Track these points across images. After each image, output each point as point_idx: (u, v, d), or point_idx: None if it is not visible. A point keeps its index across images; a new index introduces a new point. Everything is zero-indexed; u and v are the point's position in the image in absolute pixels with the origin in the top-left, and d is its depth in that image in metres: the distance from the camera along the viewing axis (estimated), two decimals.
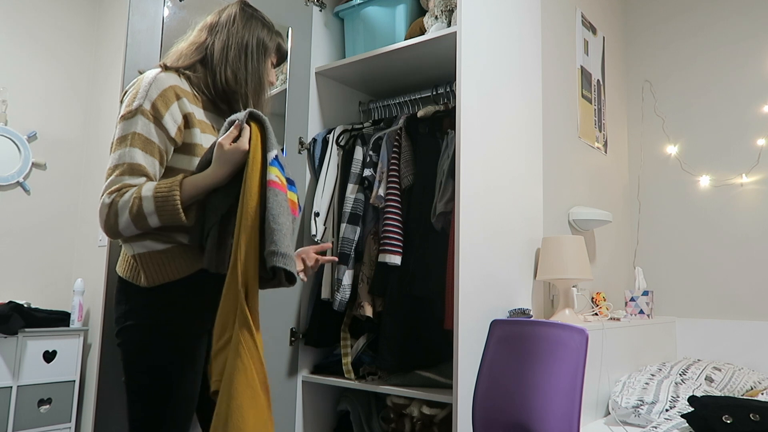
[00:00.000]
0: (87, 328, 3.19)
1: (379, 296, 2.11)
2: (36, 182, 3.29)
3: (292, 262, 1.25)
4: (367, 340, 2.18)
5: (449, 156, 2.05)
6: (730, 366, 2.45)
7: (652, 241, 3.04)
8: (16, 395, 2.87)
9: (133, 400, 1.36)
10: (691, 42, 3.02)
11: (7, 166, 3.16)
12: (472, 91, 1.89)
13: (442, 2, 2.13)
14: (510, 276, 2.05)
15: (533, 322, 1.79)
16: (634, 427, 2.01)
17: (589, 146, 2.72)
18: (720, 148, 2.88)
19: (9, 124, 3.18)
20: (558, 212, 2.42)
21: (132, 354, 1.36)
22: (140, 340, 1.35)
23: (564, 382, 1.58)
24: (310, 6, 2.38)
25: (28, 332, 2.93)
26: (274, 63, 1.58)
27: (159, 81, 1.35)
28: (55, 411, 3.00)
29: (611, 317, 2.37)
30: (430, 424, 2.04)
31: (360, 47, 2.37)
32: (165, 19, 1.88)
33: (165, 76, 1.38)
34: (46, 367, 2.99)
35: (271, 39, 1.54)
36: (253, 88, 1.49)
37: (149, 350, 1.35)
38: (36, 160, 3.27)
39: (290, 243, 1.26)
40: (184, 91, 1.40)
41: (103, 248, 1.86)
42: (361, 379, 2.13)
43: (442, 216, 2.05)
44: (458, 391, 1.72)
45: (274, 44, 1.55)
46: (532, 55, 2.28)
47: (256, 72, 1.49)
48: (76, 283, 3.16)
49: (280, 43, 1.57)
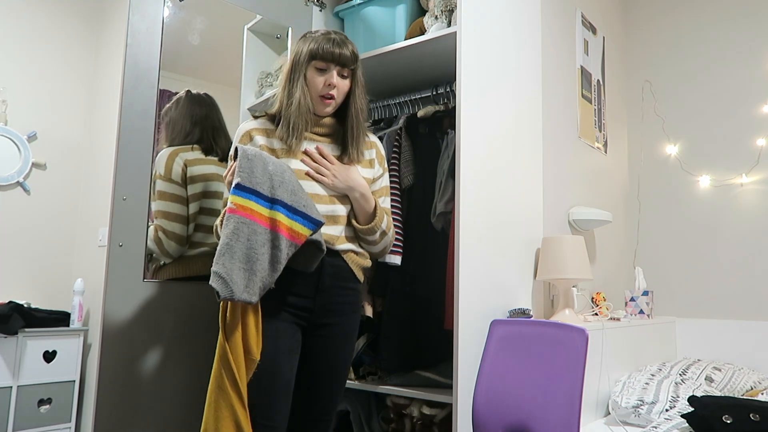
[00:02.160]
0: (87, 328, 3.19)
1: (379, 296, 2.11)
2: (36, 182, 3.29)
3: (220, 281, 1.38)
4: (367, 340, 2.18)
5: (449, 156, 2.05)
6: (730, 366, 2.45)
7: (652, 241, 3.04)
8: (16, 395, 2.87)
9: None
10: (691, 42, 3.02)
11: (7, 166, 3.16)
12: (472, 91, 1.89)
13: (442, 2, 2.13)
14: (510, 276, 2.05)
15: (533, 322, 1.79)
16: (634, 427, 2.01)
17: (589, 146, 2.72)
18: (720, 148, 2.88)
19: (9, 124, 3.18)
20: (558, 212, 2.42)
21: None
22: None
23: (564, 382, 1.58)
24: (310, 6, 2.38)
25: (28, 332, 2.93)
26: (322, 67, 1.66)
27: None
28: (55, 411, 3.00)
29: (611, 317, 2.37)
30: (430, 424, 2.04)
31: (360, 47, 2.35)
32: (165, 19, 1.88)
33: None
34: (46, 367, 2.99)
35: (307, 47, 1.67)
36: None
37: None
38: (36, 160, 3.27)
39: (229, 263, 1.40)
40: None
41: (103, 248, 1.86)
42: (361, 379, 2.13)
43: (442, 216, 2.05)
44: (458, 391, 1.72)
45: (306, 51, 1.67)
46: (532, 55, 2.28)
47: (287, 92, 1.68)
48: (76, 283, 3.16)
49: (311, 48, 1.66)
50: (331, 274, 1.64)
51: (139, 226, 1.78)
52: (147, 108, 1.82)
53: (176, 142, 1.98)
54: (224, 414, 1.41)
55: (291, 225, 1.46)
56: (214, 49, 2.26)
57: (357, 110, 1.69)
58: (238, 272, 1.39)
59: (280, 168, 1.52)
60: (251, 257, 1.41)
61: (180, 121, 2.01)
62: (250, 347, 1.47)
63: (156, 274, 1.87)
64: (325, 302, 1.65)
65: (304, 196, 1.52)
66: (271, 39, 2.37)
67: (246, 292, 1.40)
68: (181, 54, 2.05)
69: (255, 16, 2.26)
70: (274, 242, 1.45)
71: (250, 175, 1.46)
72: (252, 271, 1.41)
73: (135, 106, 1.79)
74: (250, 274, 1.41)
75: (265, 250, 1.44)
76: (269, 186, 1.47)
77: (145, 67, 1.81)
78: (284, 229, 1.46)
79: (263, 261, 1.43)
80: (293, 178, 1.53)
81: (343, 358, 1.71)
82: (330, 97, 1.65)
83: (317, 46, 1.63)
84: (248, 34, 2.30)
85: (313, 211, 1.52)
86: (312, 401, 1.67)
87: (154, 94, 1.84)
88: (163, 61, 1.86)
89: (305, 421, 1.66)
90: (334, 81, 1.64)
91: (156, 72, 1.84)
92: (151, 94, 1.83)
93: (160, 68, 1.85)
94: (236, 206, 1.43)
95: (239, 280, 1.39)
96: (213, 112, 2.10)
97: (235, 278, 1.38)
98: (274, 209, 1.46)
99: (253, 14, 2.25)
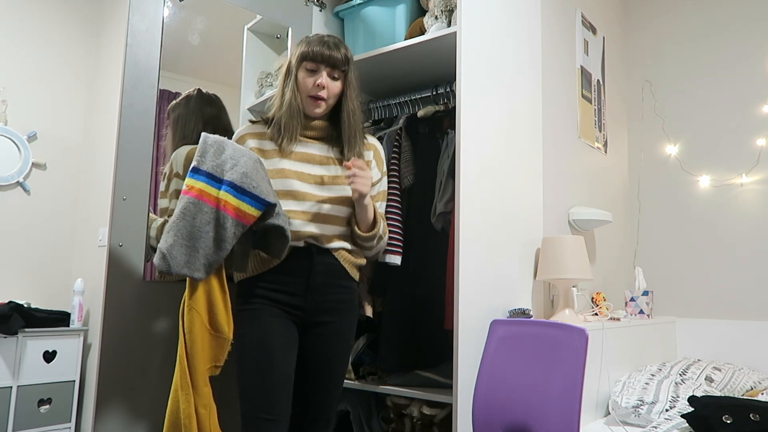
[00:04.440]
0: (87, 328, 3.19)
1: (379, 296, 2.11)
2: (36, 182, 3.29)
3: (159, 256, 1.45)
4: (367, 340, 2.18)
5: (449, 156, 2.05)
6: (730, 366, 2.45)
7: (652, 241, 3.04)
8: (16, 395, 2.87)
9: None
10: (691, 42, 3.02)
11: (7, 166, 3.16)
12: (472, 91, 1.89)
13: (442, 2, 2.13)
14: (510, 276, 2.05)
15: (533, 322, 1.79)
16: (634, 427, 2.01)
17: (589, 146, 2.72)
18: (720, 148, 2.88)
19: (9, 124, 3.18)
20: (558, 212, 2.42)
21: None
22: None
23: (564, 382, 1.58)
24: (310, 6, 2.38)
25: (28, 332, 2.93)
26: (312, 68, 1.68)
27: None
28: (55, 411, 3.00)
29: (611, 317, 2.37)
30: (430, 424, 2.04)
31: (360, 47, 2.36)
32: (165, 19, 1.88)
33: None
34: (46, 367, 2.99)
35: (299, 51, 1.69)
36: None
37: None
38: (36, 160, 3.27)
39: (172, 239, 1.46)
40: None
41: (103, 248, 1.86)
42: (361, 379, 2.13)
43: (442, 216, 2.05)
44: (458, 391, 1.72)
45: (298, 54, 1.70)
46: (532, 55, 2.28)
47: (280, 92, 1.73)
48: (76, 283, 3.16)
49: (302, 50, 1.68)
50: (322, 272, 1.66)
51: (139, 226, 1.78)
52: (147, 108, 1.81)
53: (191, 141, 1.97)
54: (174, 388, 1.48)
55: (238, 205, 1.51)
56: (214, 49, 2.26)
57: (349, 112, 1.71)
58: (179, 248, 1.46)
59: (238, 152, 1.57)
60: (194, 235, 1.47)
61: (192, 120, 2.00)
62: (220, 326, 1.51)
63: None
64: (318, 300, 1.66)
65: (257, 178, 1.55)
66: (271, 39, 2.37)
67: (186, 267, 1.47)
68: (181, 54, 2.05)
69: (255, 16, 2.26)
70: (220, 221, 1.50)
71: (204, 159, 1.54)
72: (194, 248, 1.47)
73: (135, 106, 1.79)
74: (192, 251, 1.47)
75: (210, 228, 1.49)
76: (221, 169, 1.53)
77: (145, 67, 1.81)
78: (231, 209, 1.50)
79: (207, 239, 1.49)
80: (250, 163, 1.55)
81: (339, 357, 1.71)
82: (319, 98, 1.67)
83: (308, 48, 1.66)
84: (248, 34, 2.30)
85: (263, 192, 1.54)
86: (310, 400, 1.67)
87: (154, 94, 1.84)
88: (163, 61, 1.86)
89: (304, 420, 1.67)
90: (323, 81, 1.66)
91: (156, 72, 1.84)
92: (151, 94, 1.83)
93: (160, 68, 1.85)
94: (188, 188, 1.51)
95: (179, 256, 1.46)
96: (223, 113, 2.10)
97: (174, 254, 1.45)
98: (222, 189, 1.52)
99: (253, 14, 2.25)
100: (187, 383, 1.44)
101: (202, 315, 1.48)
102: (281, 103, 1.68)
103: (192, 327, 1.47)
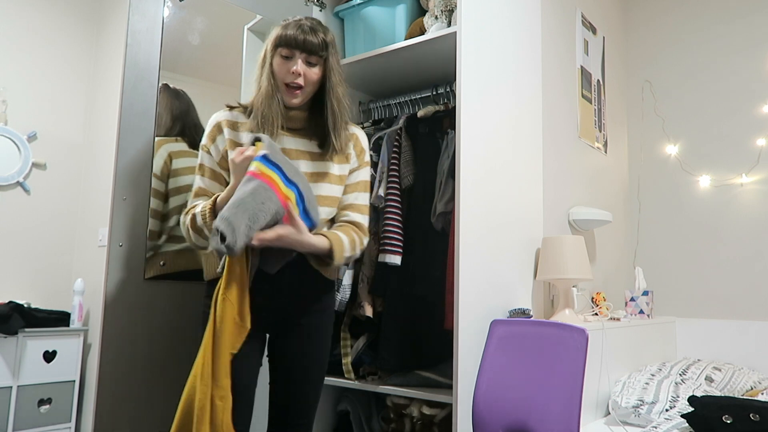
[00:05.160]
0: (87, 328, 3.19)
1: (379, 296, 2.11)
2: (36, 182, 3.29)
3: (229, 227, 1.36)
4: (367, 340, 2.18)
5: (449, 156, 2.05)
6: (730, 366, 2.45)
7: (652, 241, 3.04)
8: (16, 395, 2.86)
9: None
10: (691, 42, 3.02)
11: (7, 166, 3.16)
12: (472, 91, 1.89)
13: (442, 2, 2.13)
14: (510, 276, 2.05)
15: (533, 322, 1.79)
16: (634, 427, 2.01)
17: (589, 146, 2.72)
18: (720, 148, 2.88)
19: (9, 124, 3.18)
20: (558, 212, 2.42)
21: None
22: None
23: (564, 382, 1.58)
24: (310, 6, 2.38)
25: (28, 332, 2.93)
26: (286, 54, 1.54)
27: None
28: (55, 411, 3.00)
29: (611, 317, 2.37)
30: (430, 424, 2.04)
31: (360, 47, 2.37)
32: (165, 19, 1.88)
33: None
34: (46, 367, 2.99)
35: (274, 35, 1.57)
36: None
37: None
38: (36, 160, 3.27)
39: (241, 215, 1.38)
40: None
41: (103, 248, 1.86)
42: (361, 379, 2.12)
43: (442, 216, 2.05)
44: (458, 391, 1.72)
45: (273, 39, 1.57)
46: (532, 55, 2.28)
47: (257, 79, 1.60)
48: (76, 283, 3.16)
49: (279, 33, 1.55)
50: (290, 273, 1.55)
51: (139, 226, 1.78)
52: (147, 108, 1.82)
53: (159, 134, 1.93)
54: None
55: (296, 213, 1.48)
56: (214, 49, 2.26)
57: (333, 100, 1.58)
58: (243, 228, 1.38)
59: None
60: (257, 218, 1.40)
61: (162, 115, 1.93)
62: (245, 315, 1.44)
63: (148, 271, 1.86)
64: (288, 302, 1.58)
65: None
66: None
67: (239, 248, 1.40)
68: (181, 54, 2.04)
69: (255, 16, 2.26)
70: (277, 216, 1.44)
71: (275, 154, 1.46)
72: (251, 229, 1.40)
73: (135, 106, 1.79)
74: (249, 231, 1.40)
75: (269, 218, 1.43)
76: (289, 171, 1.48)
77: (145, 67, 1.81)
78: (288, 212, 1.47)
79: (261, 226, 1.42)
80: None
81: (314, 359, 1.63)
82: (296, 86, 1.54)
83: (283, 32, 1.53)
84: (248, 34, 2.30)
85: (315, 210, 1.53)
86: (287, 405, 1.61)
87: (154, 94, 1.85)
88: (163, 61, 1.86)
89: (281, 426, 1.61)
90: (299, 69, 1.52)
91: (156, 72, 1.84)
92: (151, 94, 1.83)
93: (160, 68, 1.85)
94: (260, 173, 1.42)
95: (241, 235, 1.38)
96: (191, 109, 2.06)
97: (240, 230, 1.37)
98: (290, 188, 1.47)
99: (253, 14, 2.25)
100: (209, 373, 1.39)
101: (234, 306, 1.42)
102: (258, 93, 1.56)
103: (224, 317, 1.40)
